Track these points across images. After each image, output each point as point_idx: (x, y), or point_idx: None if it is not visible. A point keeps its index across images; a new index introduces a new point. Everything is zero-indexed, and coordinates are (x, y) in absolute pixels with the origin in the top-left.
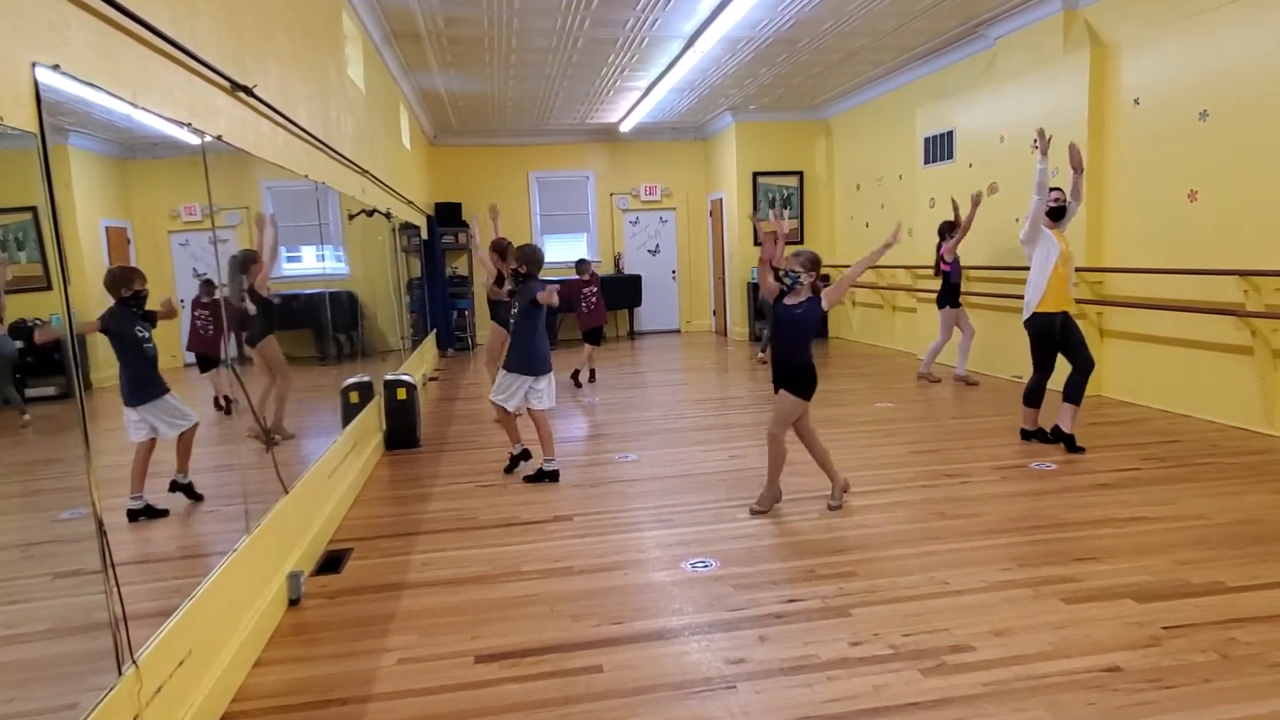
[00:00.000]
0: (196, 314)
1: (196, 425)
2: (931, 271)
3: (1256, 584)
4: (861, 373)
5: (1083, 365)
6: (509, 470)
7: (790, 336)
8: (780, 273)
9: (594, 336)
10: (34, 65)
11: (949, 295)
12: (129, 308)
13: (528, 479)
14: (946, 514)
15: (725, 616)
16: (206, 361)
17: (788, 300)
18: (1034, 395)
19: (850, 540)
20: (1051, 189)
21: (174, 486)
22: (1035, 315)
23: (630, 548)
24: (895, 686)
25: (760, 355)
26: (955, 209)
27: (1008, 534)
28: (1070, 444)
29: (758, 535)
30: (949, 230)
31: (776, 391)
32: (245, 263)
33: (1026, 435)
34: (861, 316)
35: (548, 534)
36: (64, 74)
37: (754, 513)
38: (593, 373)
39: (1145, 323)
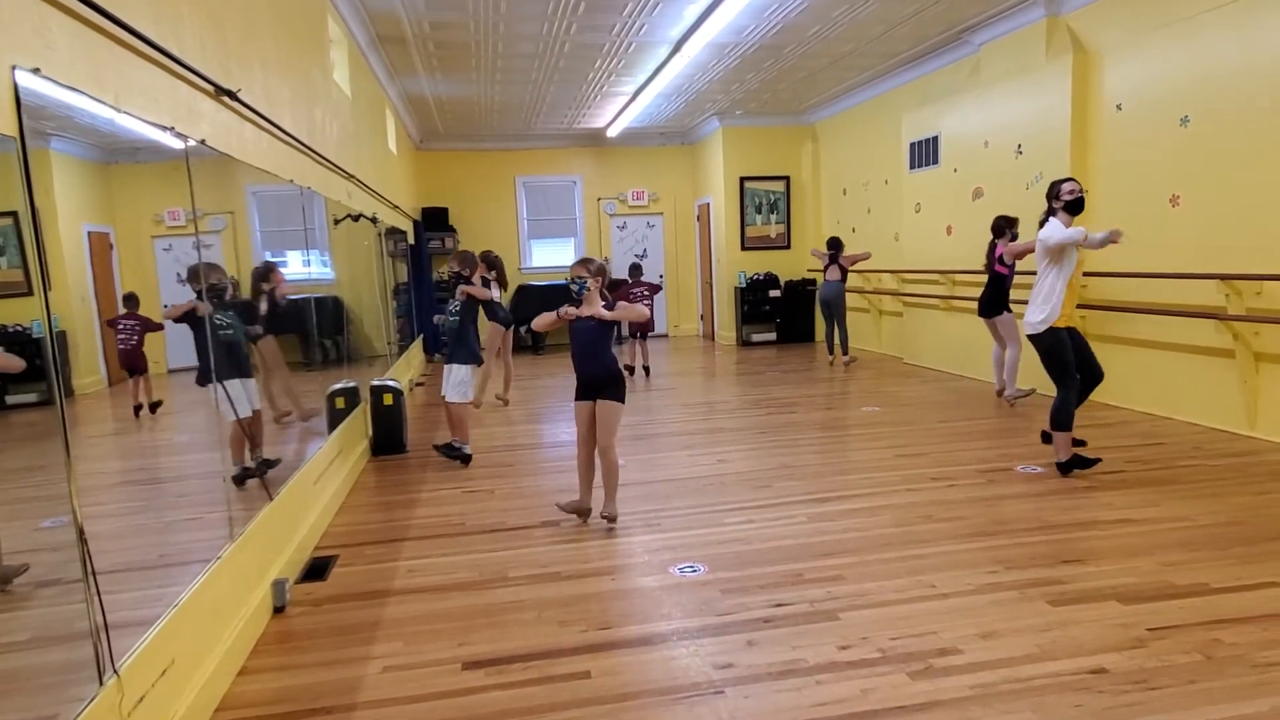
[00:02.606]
0: (120, 326)
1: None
2: (984, 272)
3: (1240, 585)
4: (848, 377)
5: (1100, 373)
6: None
7: (591, 346)
8: (568, 281)
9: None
10: (14, 68)
11: (1003, 301)
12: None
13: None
14: (933, 517)
15: (713, 621)
16: (133, 370)
17: (581, 312)
18: (1063, 416)
19: (838, 544)
20: (1066, 180)
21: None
22: (1051, 330)
23: (617, 553)
24: (883, 690)
25: (837, 359)
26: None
27: (994, 537)
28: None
29: (745, 540)
30: (1008, 226)
31: (581, 399)
32: (265, 272)
33: (1069, 468)
34: (849, 321)
35: (535, 539)
36: (45, 77)
37: (605, 517)
38: (646, 369)
39: (1128, 326)
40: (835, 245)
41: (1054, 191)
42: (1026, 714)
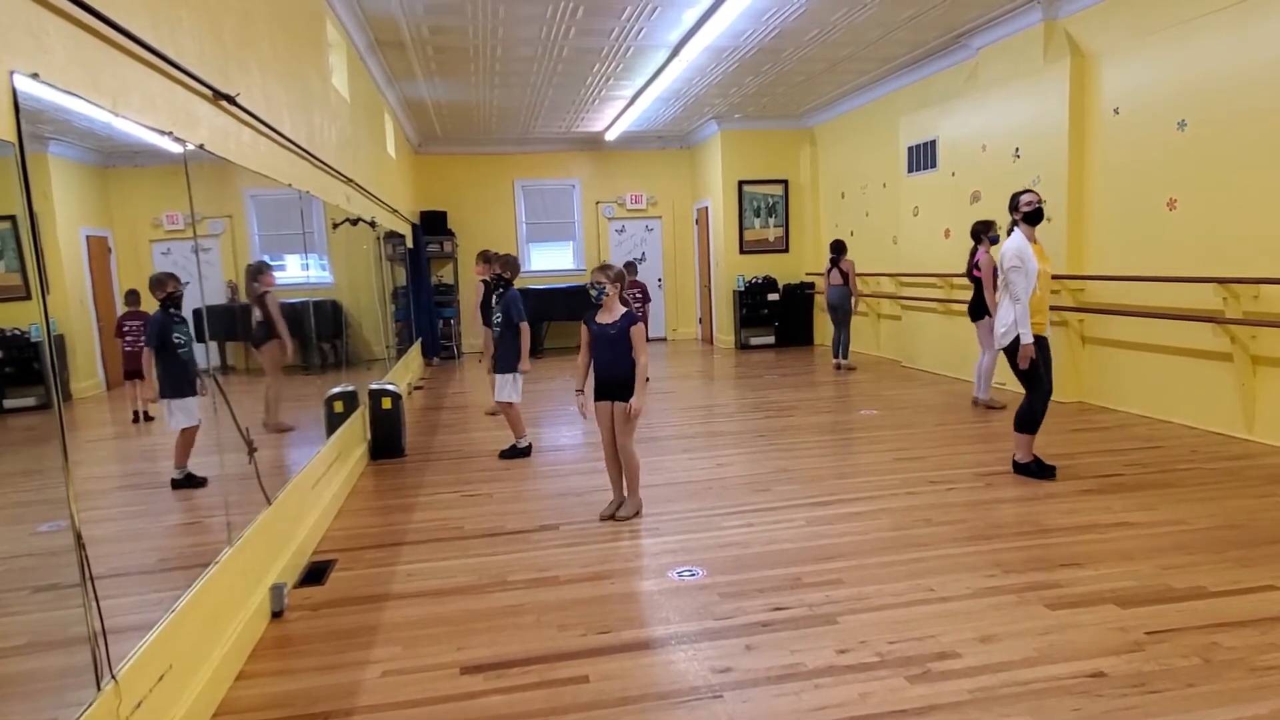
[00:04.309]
0: (126, 328)
1: (197, 427)
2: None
3: (1238, 588)
4: (847, 380)
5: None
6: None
7: (612, 352)
8: (588, 286)
9: None
10: (12, 74)
11: (985, 306)
12: (167, 311)
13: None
14: (932, 520)
15: (712, 625)
16: (133, 373)
17: (600, 319)
18: (1028, 419)
19: (836, 548)
20: (1025, 191)
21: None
22: (1018, 337)
23: (617, 556)
24: (882, 694)
25: (837, 362)
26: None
27: (992, 540)
28: (1038, 470)
29: (744, 543)
30: (984, 231)
31: (600, 399)
32: (257, 272)
33: (1025, 470)
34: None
35: (534, 543)
36: (43, 82)
37: (611, 519)
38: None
39: (1126, 329)
40: (837, 249)
41: (1014, 204)
42: (1025, 718)
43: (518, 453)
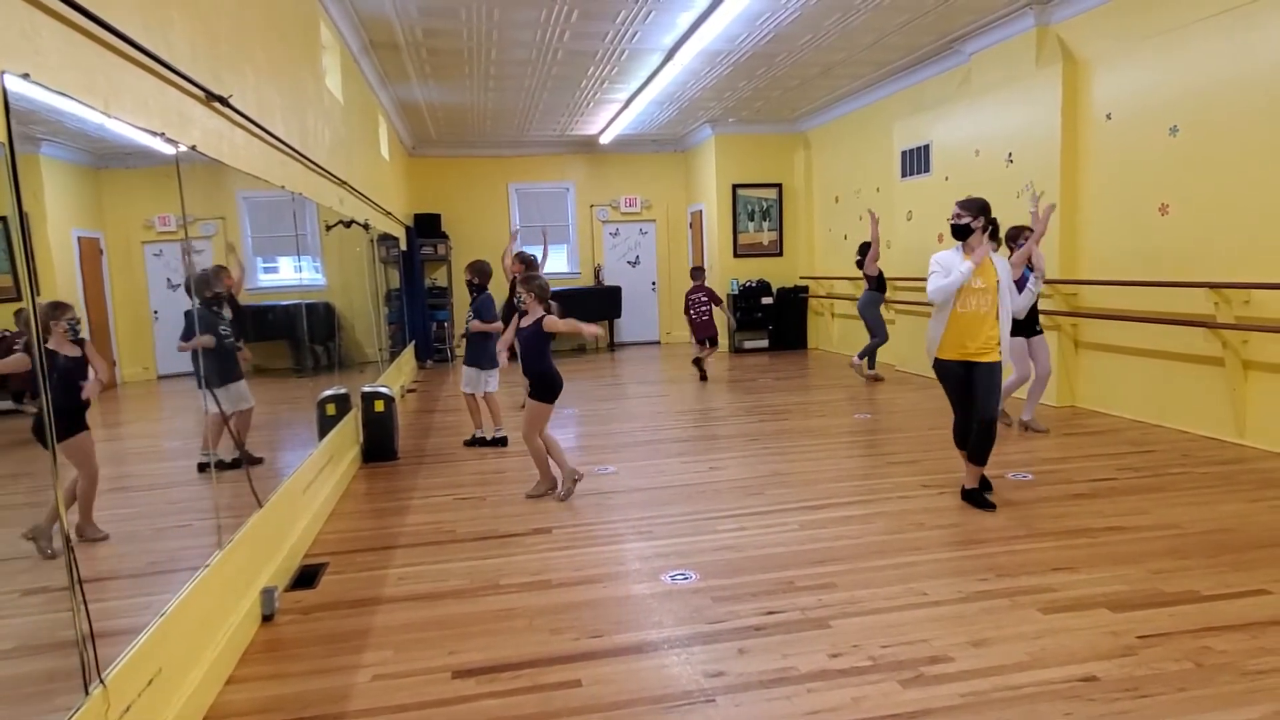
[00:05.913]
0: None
1: (252, 409)
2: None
3: (1229, 592)
4: (841, 384)
5: (980, 418)
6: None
7: (524, 349)
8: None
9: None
10: (3, 74)
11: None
12: (209, 307)
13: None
14: (925, 525)
15: (704, 629)
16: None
17: (523, 323)
18: (958, 437)
19: (829, 551)
20: (957, 201)
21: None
22: (935, 360)
23: (609, 560)
24: (874, 698)
25: (856, 365)
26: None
27: (985, 544)
28: (977, 499)
29: (737, 547)
30: (1013, 238)
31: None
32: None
33: (965, 495)
34: (841, 328)
35: (526, 547)
36: (34, 83)
37: (529, 496)
38: (704, 372)
39: (1118, 334)
40: (860, 252)
41: None
42: None
43: (477, 441)
